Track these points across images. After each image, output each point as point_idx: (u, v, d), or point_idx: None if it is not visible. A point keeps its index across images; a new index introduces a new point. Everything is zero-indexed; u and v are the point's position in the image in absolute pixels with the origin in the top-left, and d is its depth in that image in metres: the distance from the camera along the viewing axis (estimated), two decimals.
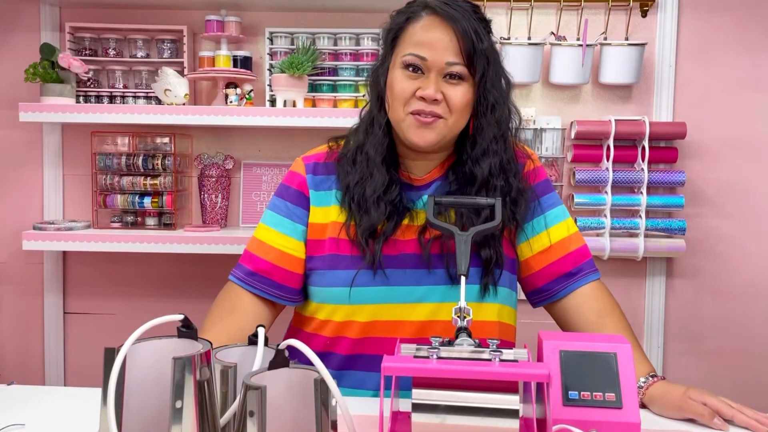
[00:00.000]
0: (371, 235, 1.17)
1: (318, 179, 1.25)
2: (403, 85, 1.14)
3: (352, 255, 1.18)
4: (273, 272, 1.22)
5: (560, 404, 0.90)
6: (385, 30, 1.20)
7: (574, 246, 1.24)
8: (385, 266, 1.16)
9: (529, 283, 1.26)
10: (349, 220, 1.19)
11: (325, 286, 1.20)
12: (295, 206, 1.24)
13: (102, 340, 2.23)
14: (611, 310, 1.21)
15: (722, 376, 2.25)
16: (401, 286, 1.17)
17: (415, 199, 1.21)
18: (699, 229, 2.22)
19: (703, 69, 2.19)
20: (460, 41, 1.11)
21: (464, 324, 0.88)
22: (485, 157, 1.17)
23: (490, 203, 1.07)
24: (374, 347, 1.17)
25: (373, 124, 1.21)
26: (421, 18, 1.14)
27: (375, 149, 1.19)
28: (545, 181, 1.27)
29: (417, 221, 1.19)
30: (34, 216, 2.26)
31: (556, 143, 2.20)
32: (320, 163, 1.26)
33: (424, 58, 1.12)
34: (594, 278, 1.24)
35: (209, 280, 2.28)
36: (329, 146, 1.28)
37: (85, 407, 1.08)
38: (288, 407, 0.73)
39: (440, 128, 1.14)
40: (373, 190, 1.17)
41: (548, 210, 1.24)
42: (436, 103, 1.12)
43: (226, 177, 2.21)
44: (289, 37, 2.14)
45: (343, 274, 1.18)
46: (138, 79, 2.20)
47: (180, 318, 0.75)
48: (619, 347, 0.94)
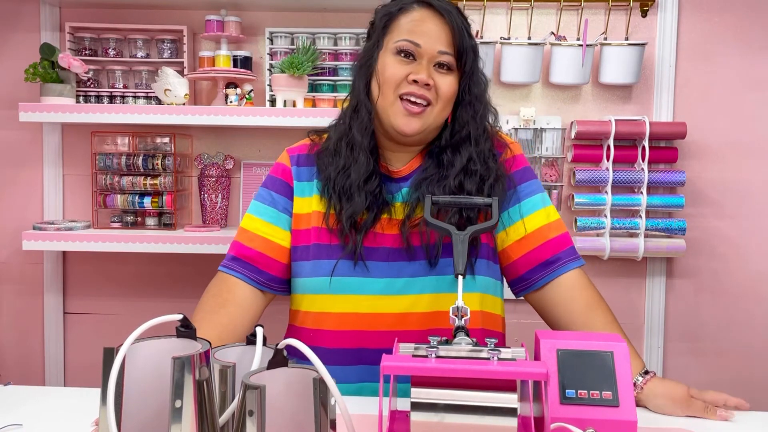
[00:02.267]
0: (353, 224, 1.18)
1: (302, 170, 1.27)
2: (395, 69, 1.17)
3: (331, 244, 1.20)
4: (258, 259, 1.24)
5: (557, 403, 0.90)
6: (378, 17, 1.24)
7: (553, 234, 1.23)
8: (366, 258, 1.18)
9: (510, 272, 1.26)
10: (329, 210, 1.21)
11: (308, 276, 1.22)
12: (280, 196, 1.26)
13: (102, 340, 2.24)
14: (597, 303, 1.21)
15: (722, 376, 2.25)
16: (381, 278, 1.18)
17: (394, 192, 1.22)
18: (699, 229, 2.22)
19: (703, 69, 2.20)
20: (452, 33, 1.17)
21: (462, 323, 0.89)
22: (464, 146, 1.20)
23: (487, 203, 1.08)
24: (353, 340, 1.18)
25: (360, 109, 1.23)
26: (414, 9, 1.19)
27: (361, 134, 1.21)
28: (524, 169, 1.27)
29: (396, 215, 1.21)
30: (34, 216, 2.26)
31: (556, 143, 2.20)
32: (303, 155, 1.29)
33: (417, 44, 1.16)
34: (574, 266, 1.22)
35: (209, 280, 2.28)
36: (311, 139, 1.31)
37: (84, 407, 1.08)
38: (287, 407, 0.74)
39: (426, 116, 1.17)
40: (358, 176, 1.19)
41: (525, 198, 1.24)
42: (427, 87, 1.16)
43: (226, 177, 2.22)
44: (289, 37, 2.14)
45: (325, 263, 1.19)
46: (138, 79, 2.20)
47: (179, 318, 0.75)
48: (616, 346, 0.94)
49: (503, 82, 2.15)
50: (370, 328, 1.18)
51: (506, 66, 2.12)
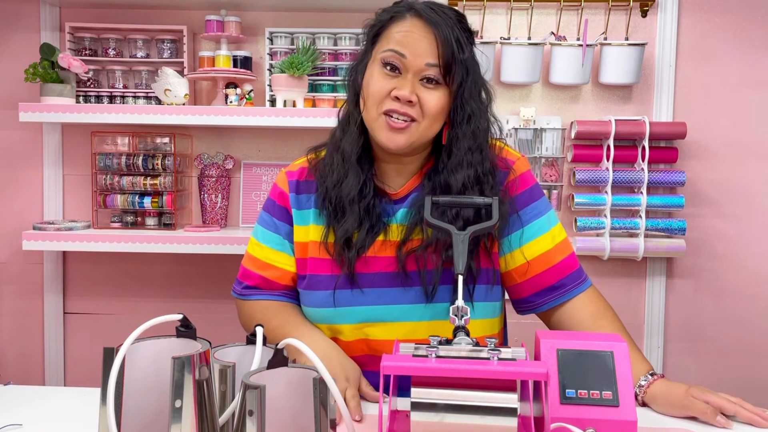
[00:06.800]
0: (346, 242, 1.16)
1: (300, 198, 1.24)
2: (379, 84, 1.12)
3: (324, 274, 1.19)
4: (271, 285, 1.25)
5: (557, 403, 0.90)
6: (368, 26, 1.19)
7: (558, 258, 1.19)
8: (362, 285, 1.16)
9: (513, 293, 1.24)
10: (328, 230, 1.19)
11: (305, 305, 1.23)
12: (282, 222, 1.25)
13: (102, 340, 2.24)
14: (604, 312, 1.19)
15: (723, 376, 2.25)
16: (378, 306, 1.16)
17: (390, 213, 1.19)
18: (699, 229, 2.22)
19: (703, 69, 2.20)
20: (440, 47, 1.10)
21: (462, 323, 0.89)
22: (460, 168, 1.14)
23: (487, 203, 1.07)
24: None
25: (349, 121, 1.20)
26: (405, 19, 1.13)
27: (351, 147, 1.18)
28: (530, 189, 1.21)
29: (392, 236, 1.18)
30: (34, 216, 2.26)
31: (556, 143, 2.20)
32: (302, 182, 1.25)
33: (403, 55, 1.10)
34: (579, 292, 1.20)
35: (209, 280, 2.28)
36: (308, 159, 1.27)
37: (83, 407, 1.08)
38: (287, 406, 0.74)
39: (411, 132, 1.12)
40: (349, 191, 1.16)
41: (529, 222, 1.20)
42: (410, 104, 1.10)
43: (226, 177, 2.22)
44: (289, 37, 2.14)
45: (321, 294, 1.19)
46: (138, 79, 2.20)
47: (179, 318, 0.75)
48: (616, 346, 0.94)
49: (503, 82, 2.15)
50: (370, 352, 1.18)
51: (506, 66, 2.12)
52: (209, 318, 2.27)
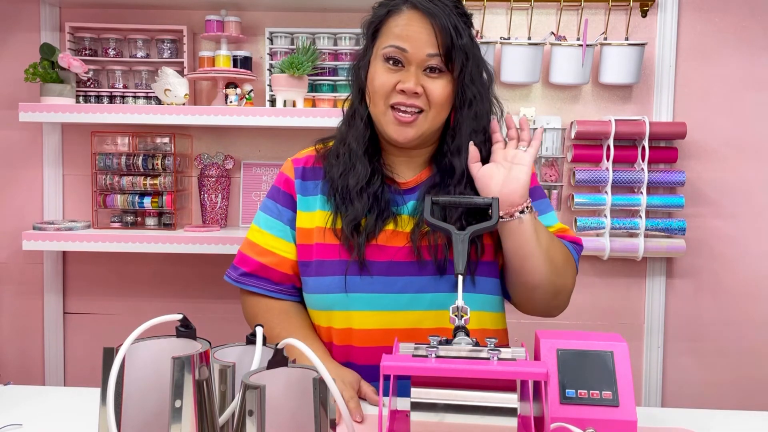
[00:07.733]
0: (355, 228, 1.17)
1: (307, 184, 1.25)
2: (383, 78, 1.14)
3: (332, 260, 1.18)
4: (268, 272, 1.24)
5: (557, 402, 0.90)
6: (367, 22, 1.21)
7: None
8: (373, 272, 1.16)
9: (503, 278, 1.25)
10: (336, 216, 1.19)
11: (311, 292, 1.21)
12: (285, 208, 1.25)
13: (102, 340, 2.24)
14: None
15: (722, 376, 2.25)
16: (385, 293, 1.16)
17: (400, 204, 1.20)
18: (699, 229, 2.22)
19: (703, 69, 2.20)
20: (439, 36, 1.12)
21: (462, 323, 0.89)
22: (464, 150, 1.17)
23: (488, 203, 1.07)
24: (357, 356, 1.18)
25: (355, 116, 1.22)
26: (402, 12, 1.15)
27: (357, 141, 1.20)
28: (531, 190, 1.19)
29: (402, 227, 1.18)
30: (34, 216, 2.26)
31: (556, 143, 2.20)
32: (308, 168, 1.26)
33: (404, 49, 1.12)
34: None
35: (209, 280, 2.29)
36: (316, 149, 1.28)
37: (83, 407, 1.08)
38: (287, 406, 0.74)
39: (420, 123, 1.15)
40: (356, 182, 1.17)
41: None
42: (416, 96, 1.13)
43: (226, 177, 2.22)
44: (289, 37, 2.14)
45: (330, 280, 1.18)
46: (138, 79, 2.20)
47: (179, 318, 0.75)
48: (616, 346, 0.95)
49: (503, 82, 2.15)
50: (373, 344, 1.16)
51: (506, 66, 2.12)
52: (209, 318, 2.27)
